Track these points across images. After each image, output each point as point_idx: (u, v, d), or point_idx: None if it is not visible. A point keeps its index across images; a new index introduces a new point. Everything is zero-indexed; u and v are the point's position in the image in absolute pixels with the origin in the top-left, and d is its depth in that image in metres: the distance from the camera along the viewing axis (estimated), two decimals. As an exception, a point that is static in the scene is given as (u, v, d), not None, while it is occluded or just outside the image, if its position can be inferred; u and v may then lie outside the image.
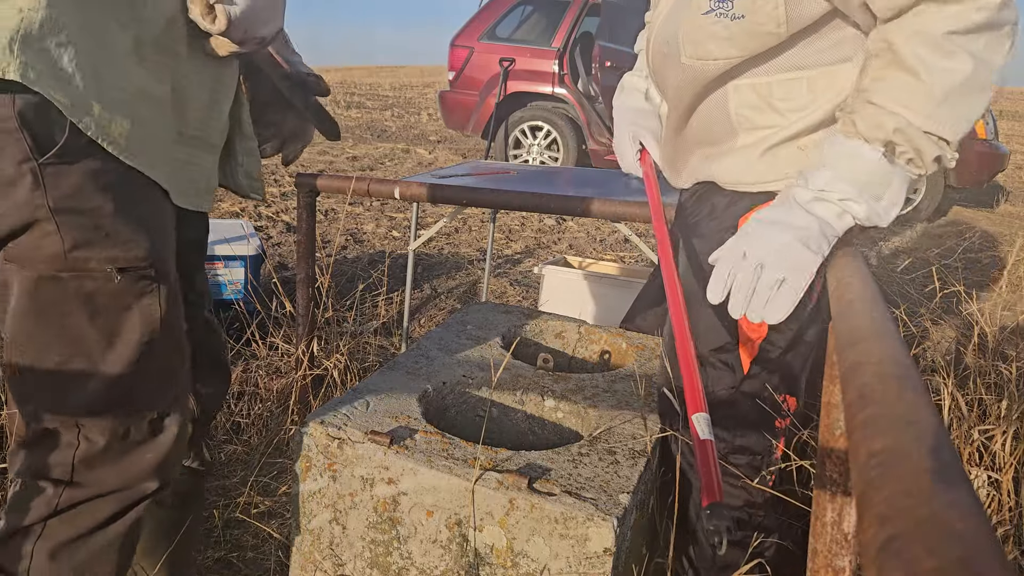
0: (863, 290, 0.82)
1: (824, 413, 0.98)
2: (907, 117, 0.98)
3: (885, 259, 4.62)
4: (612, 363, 1.65)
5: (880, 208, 1.04)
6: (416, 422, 1.22)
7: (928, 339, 3.23)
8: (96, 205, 0.92)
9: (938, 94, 0.97)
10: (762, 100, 1.22)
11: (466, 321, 1.69)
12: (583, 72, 6.82)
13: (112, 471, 1.00)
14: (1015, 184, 8.84)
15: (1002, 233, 5.91)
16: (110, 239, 0.93)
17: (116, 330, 0.96)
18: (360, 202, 5.45)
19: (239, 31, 1.02)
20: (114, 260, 0.94)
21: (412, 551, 1.14)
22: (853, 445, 0.44)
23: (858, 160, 1.02)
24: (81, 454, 0.98)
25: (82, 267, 0.93)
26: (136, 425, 1.00)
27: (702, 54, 1.20)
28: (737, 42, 1.15)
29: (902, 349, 0.57)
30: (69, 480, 0.98)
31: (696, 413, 0.98)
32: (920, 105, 0.98)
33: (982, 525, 0.31)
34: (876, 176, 1.02)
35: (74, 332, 0.95)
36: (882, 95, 1.00)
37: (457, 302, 3.51)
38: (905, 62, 0.98)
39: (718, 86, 1.24)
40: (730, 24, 1.14)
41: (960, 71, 0.96)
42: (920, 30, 0.96)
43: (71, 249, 0.91)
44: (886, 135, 1.00)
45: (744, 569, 1.23)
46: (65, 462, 0.98)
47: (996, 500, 1.63)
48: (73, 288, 0.93)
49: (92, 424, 0.98)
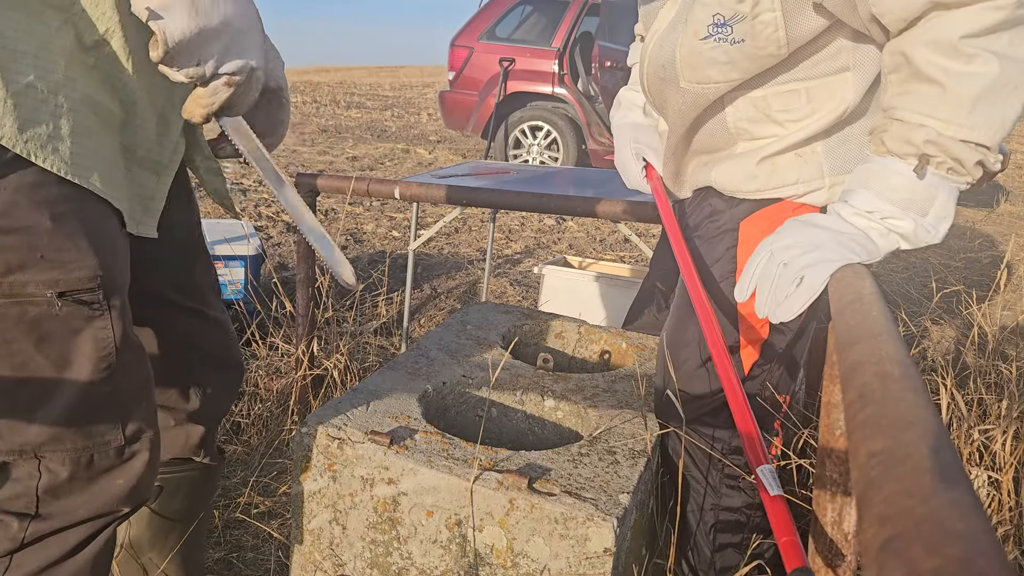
0: (863, 290, 0.82)
1: (824, 413, 0.98)
2: (936, 128, 0.94)
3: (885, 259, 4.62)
4: (612, 363, 1.65)
5: (927, 224, 0.98)
6: (416, 422, 1.22)
7: (928, 339, 3.23)
8: (30, 223, 0.82)
9: (967, 100, 0.93)
10: (760, 112, 1.22)
11: (466, 321, 1.69)
12: (583, 72, 6.82)
13: (80, 500, 0.94)
14: (1015, 184, 8.83)
15: (1002, 233, 5.91)
16: (47, 260, 0.84)
17: (67, 357, 0.89)
18: (360, 202, 5.45)
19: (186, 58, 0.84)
20: (55, 284, 0.85)
21: (412, 551, 1.14)
22: (853, 445, 0.44)
23: (893, 177, 0.98)
24: (44, 485, 0.92)
25: (20, 292, 0.84)
26: (100, 452, 0.94)
27: (701, 79, 1.19)
28: (738, 66, 1.15)
29: (902, 349, 0.57)
30: (35, 513, 0.93)
31: (760, 466, 0.91)
32: (949, 114, 0.93)
33: (982, 525, 0.31)
34: (917, 192, 0.97)
35: (21, 360, 0.87)
36: (907, 110, 0.96)
37: (457, 302, 3.51)
38: (925, 73, 0.94)
39: (717, 107, 1.25)
40: (730, 49, 1.13)
41: (986, 73, 0.91)
42: (934, 39, 0.93)
43: (5, 273, 0.83)
44: (917, 149, 0.96)
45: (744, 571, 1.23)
46: (28, 494, 0.92)
47: (996, 500, 1.63)
48: (14, 315, 0.85)
49: (52, 454, 0.91)
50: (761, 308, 1.02)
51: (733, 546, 1.34)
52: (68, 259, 0.86)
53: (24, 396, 0.89)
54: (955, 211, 0.99)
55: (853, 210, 1.00)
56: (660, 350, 1.40)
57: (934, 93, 0.94)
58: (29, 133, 0.80)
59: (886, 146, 0.99)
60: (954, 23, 0.91)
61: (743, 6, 1.08)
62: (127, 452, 0.96)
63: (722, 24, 1.11)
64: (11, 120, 0.79)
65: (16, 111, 0.79)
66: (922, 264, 4.30)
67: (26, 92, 0.80)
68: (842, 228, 1.00)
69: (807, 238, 1.00)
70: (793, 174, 1.23)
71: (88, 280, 0.87)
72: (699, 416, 1.32)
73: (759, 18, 1.08)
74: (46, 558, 0.93)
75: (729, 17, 1.10)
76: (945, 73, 0.92)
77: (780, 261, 1.01)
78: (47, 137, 0.82)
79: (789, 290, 0.99)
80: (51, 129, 0.82)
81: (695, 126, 1.31)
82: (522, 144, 7.01)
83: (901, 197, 0.97)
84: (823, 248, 0.98)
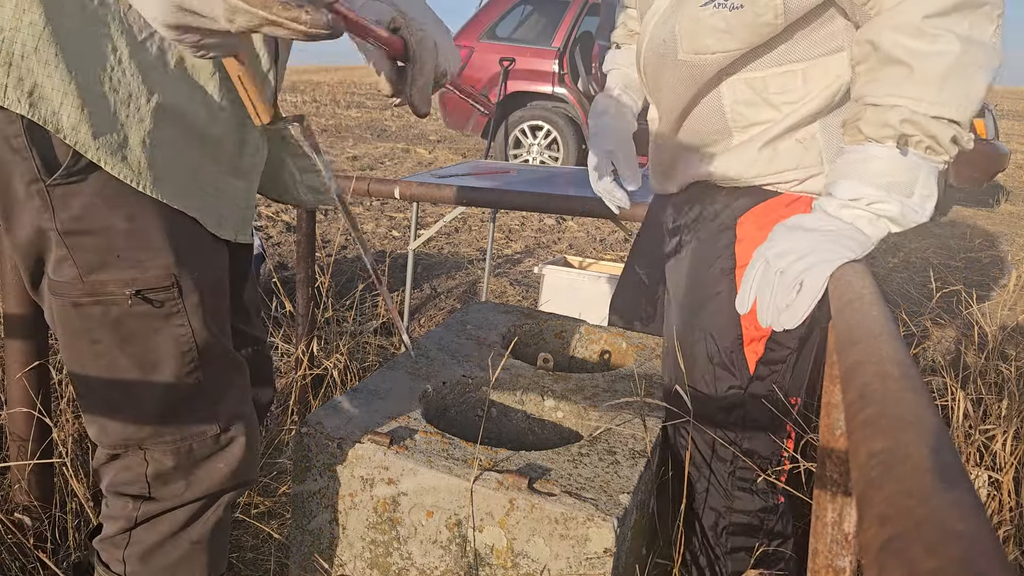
0: (863, 290, 0.82)
1: (824, 413, 0.98)
2: (910, 106, 0.97)
3: (885, 259, 4.62)
4: (612, 363, 1.65)
5: (914, 204, 0.99)
6: (416, 422, 1.22)
7: (928, 339, 3.23)
8: (106, 224, 0.86)
9: (934, 78, 0.96)
10: (757, 95, 1.23)
11: (466, 321, 1.69)
12: (583, 72, 6.82)
13: (185, 484, 0.99)
14: (1015, 184, 8.83)
15: (1002, 233, 5.91)
16: (124, 260, 0.88)
17: (149, 356, 0.92)
18: (360, 202, 5.45)
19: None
20: (132, 282, 0.89)
21: (412, 551, 1.14)
22: (853, 445, 0.44)
23: (873, 161, 0.99)
24: (152, 472, 0.98)
25: (101, 292, 0.88)
26: (198, 442, 0.98)
27: (700, 48, 1.20)
28: (735, 35, 1.15)
29: (902, 349, 0.57)
30: (147, 495, 0.99)
31: None
32: (920, 92, 0.96)
33: (983, 525, 0.31)
34: (899, 173, 0.99)
35: (107, 360, 0.92)
36: (879, 94, 0.99)
37: (457, 302, 3.51)
38: (893, 56, 0.98)
39: (713, 85, 1.25)
40: (728, 15, 1.14)
41: (950, 51, 0.95)
42: (899, 22, 0.97)
43: (86, 274, 0.87)
44: (895, 130, 0.98)
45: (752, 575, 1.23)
46: (139, 480, 0.98)
47: (997, 500, 1.63)
48: (98, 315, 0.89)
49: (153, 446, 0.96)
50: (764, 317, 1.02)
51: (746, 550, 1.33)
52: (143, 258, 0.89)
53: (116, 395, 0.94)
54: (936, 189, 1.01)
55: (839, 202, 1.01)
56: (667, 346, 1.40)
57: (903, 74, 0.97)
58: (101, 140, 0.83)
59: (863, 133, 1.00)
60: (917, 5, 0.96)
61: None
62: (223, 439, 1.00)
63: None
64: (86, 127, 0.82)
65: (91, 119, 0.82)
66: (922, 264, 4.30)
67: (101, 101, 0.83)
68: (831, 226, 1.00)
69: (799, 242, 1.00)
70: (793, 160, 1.24)
71: (164, 278, 0.90)
72: (709, 414, 1.32)
73: None
74: (160, 533, 1.00)
75: None
76: (911, 54, 0.96)
77: (776, 269, 1.01)
78: (117, 145, 0.84)
79: (791, 296, 0.99)
80: (121, 138, 0.85)
81: (688, 108, 1.30)
82: (522, 144, 7.01)
83: (885, 181, 0.98)
84: (817, 250, 0.98)
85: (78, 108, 0.82)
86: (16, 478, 1.53)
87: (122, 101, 0.85)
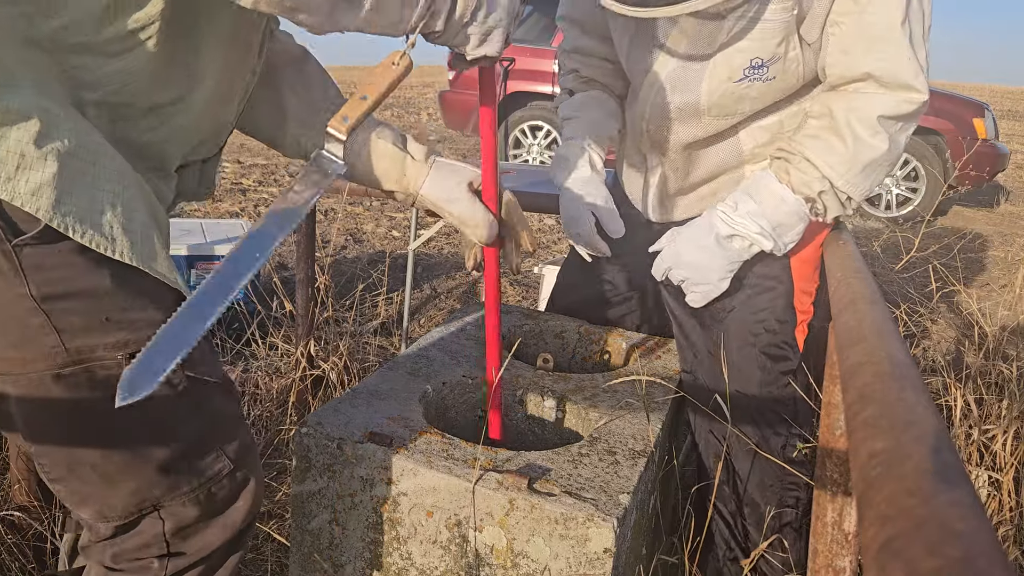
0: (863, 290, 0.82)
1: (824, 413, 0.98)
2: (832, 180, 1.20)
3: (885, 259, 4.62)
4: (612, 363, 1.65)
5: (782, 243, 1.26)
6: (416, 422, 1.22)
7: (928, 339, 3.23)
8: (90, 285, 0.78)
9: (859, 164, 1.18)
10: (773, 136, 1.34)
11: (466, 321, 1.69)
12: (583, 72, 6.81)
13: (213, 531, 0.93)
14: (1015, 184, 8.83)
15: (1002, 233, 5.91)
16: (113, 323, 0.80)
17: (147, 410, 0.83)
18: (360, 202, 5.45)
19: None
20: (124, 345, 0.81)
21: (412, 552, 1.14)
22: (854, 445, 0.44)
23: (783, 205, 1.23)
24: (171, 528, 0.90)
25: (88, 358, 0.80)
26: (216, 484, 0.92)
27: (729, 112, 1.30)
28: (765, 99, 1.29)
29: (902, 349, 0.57)
30: (168, 553, 0.91)
31: None
32: (844, 169, 1.19)
33: (983, 525, 0.31)
34: (791, 219, 1.24)
35: (102, 423, 0.83)
36: (816, 154, 1.20)
37: (457, 302, 3.51)
38: (840, 130, 1.18)
39: (730, 133, 1.35)
40: (762, 86, 1.26)
41: (880, 148, 1.17)
42: (858, 107, 1.17)
43: (70, 340, 0.78)
44: (811, 193, 1.22)
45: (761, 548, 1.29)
46: (158, 541, 0.90)
47: (997, 500, 1.63)
48: (85, 380, 0.81)
49: (168, 501, 0.89)
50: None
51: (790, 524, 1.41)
52: (135, 318, 0.81)
53: (116, 461, 0.86)
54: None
55: (730, 229, 1.26)
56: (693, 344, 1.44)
57: (841, 149, 1.19)
58: (66, 207, 0.75)
59: (790, 178, 1.23)
60: (880, 103, 1.16)
61: (780, 48, 1.21)
62: (239, 475, 0.94)
63: (760, 66, 1.23)
64: (49, 191, 0.74)
65: (54, 182, 0.74)
66: (922, 264, 4.29)
67: (66, 162, 0.75)
68: (718, 256, 1.28)
69: (695, 262, 1.30)
70: None
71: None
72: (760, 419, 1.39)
73: (788, 55, 1.22)
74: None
75: (767, 59, 1.22)
76: (856, 138, 1.17)
77: (678, 280, 1.34)
78: (86, 211, 0.76)
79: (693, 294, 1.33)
80: (88, 201, 0.77)
81: (700, 153, 1.38)
82: (522, 144, 7.01)
83: (779, 220, 1.24)
84: (708, 278, 1.30)
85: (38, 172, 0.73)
86: (16, 478, 1.53)
87: (89, 160, 0.77)
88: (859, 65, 1.15)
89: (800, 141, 1.22)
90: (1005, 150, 6.38)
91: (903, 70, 1.14)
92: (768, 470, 1.37)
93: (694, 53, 1.25)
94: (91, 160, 0.78)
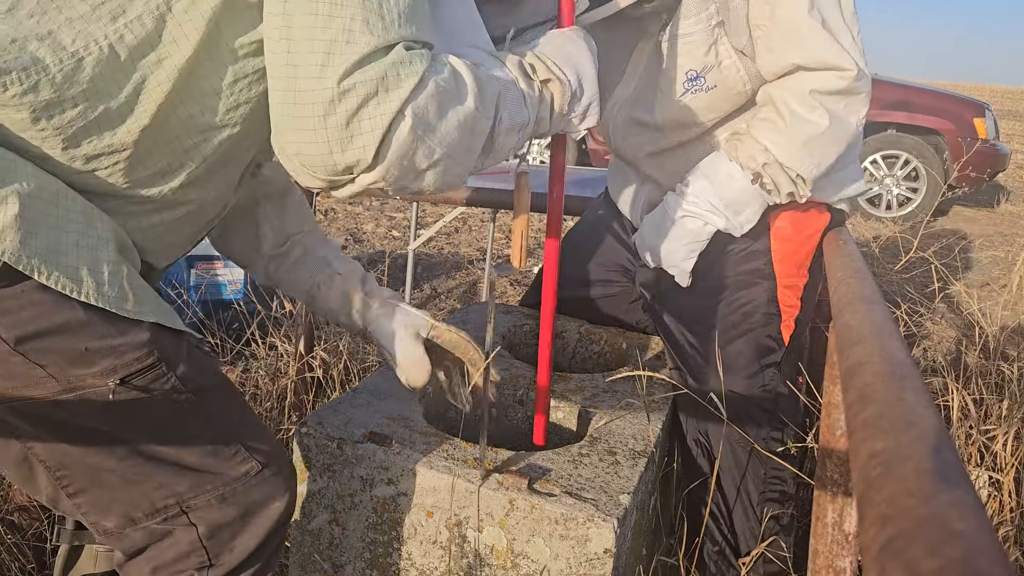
0: (863, 290, 0.82)
1: (824, 413, 0.98)
2: (774, 153, 1.26)
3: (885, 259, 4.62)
4: (612, 363, 1.65)
5: (738, 222, 1.32)
6: (416, 422, 1.22)
7: (928, 339, 3.23)
8: (62, 320, 0.74)
9: (799, 140, 1.24)
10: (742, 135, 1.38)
11: (466, 321, 1.69)
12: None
13: (247, 533, 0.92)
14: (1015, 184, 8.83)
15: (1002, 233, 5.91)
16: (94, 352, 0.77)
17: (154, 421, 0.84)
18: (360, 202, 5.45)
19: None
20: (112, 372, 0.78)
21: (412, 552, 1.14)
22: (854, 445, 0.44)
23: (732, 180, 1.30)
24: (205, 532, 0.89)
25: (81, 385, 0.77)
26: (242, 484, 0.91)
27: (688, 123, 1.37)
28: (716, 107, 1.35)
29: (902, 349, 0.57)
30: (209, 562, 0.90)
31: None
32: (785, 143, 1.25)
33: (983, 525, 0.31)
34: (743, 195, 1.30)
35: (111, 438, 0.83)
36: (759, 131, 1.28)
37: (457, 302, 3.51)
38: (779, 109, 1.25)
39: (700, 143, 1.40)
40: (705, 96, 1.33)
41: (819, 124, 1.22)
42: (792, 87, 1.24)
43: (57, 372, 0.75)
44: (756, 166, 1.28)
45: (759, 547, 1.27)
46: (195, 548, 0.89)
47: (997, 500, 1.63)
48: (84, 404, 0.79)
49: (195, 505, 0.88)
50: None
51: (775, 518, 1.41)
52: (117, 344, 0.78)
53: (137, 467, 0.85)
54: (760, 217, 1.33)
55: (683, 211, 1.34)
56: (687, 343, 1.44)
57: (780, 126, 1.25)
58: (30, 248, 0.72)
59: (737, 154, 1.30)
60: (809, 80, 1.22)
61: (709, 57, 1.30)
62: (264, 475, 0.93)
63: (695, 77, 1.32)
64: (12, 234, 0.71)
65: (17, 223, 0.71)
66: (922, 264, 4.30)
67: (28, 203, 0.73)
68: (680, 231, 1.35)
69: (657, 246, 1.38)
70: None
71: (145, 356, 0.80)
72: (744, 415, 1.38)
73: (723, 63, 1.30)
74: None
75: (700, 69, 1.31)
76: (791, 114, 1.24)
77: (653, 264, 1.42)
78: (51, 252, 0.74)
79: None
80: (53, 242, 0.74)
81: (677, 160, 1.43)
82: (522, 144, 7.00)
83: (729, 196, 1.30)
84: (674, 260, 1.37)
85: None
86: (16, 478, 1.53)
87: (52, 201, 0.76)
88: (785, 59, 1.24)
89: (750, 123, 1.31)
90: (1005, 150, 6.38)
91: (823, 53, 1.20)
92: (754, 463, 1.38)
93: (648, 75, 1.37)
94: (53, 201, 0.76)
